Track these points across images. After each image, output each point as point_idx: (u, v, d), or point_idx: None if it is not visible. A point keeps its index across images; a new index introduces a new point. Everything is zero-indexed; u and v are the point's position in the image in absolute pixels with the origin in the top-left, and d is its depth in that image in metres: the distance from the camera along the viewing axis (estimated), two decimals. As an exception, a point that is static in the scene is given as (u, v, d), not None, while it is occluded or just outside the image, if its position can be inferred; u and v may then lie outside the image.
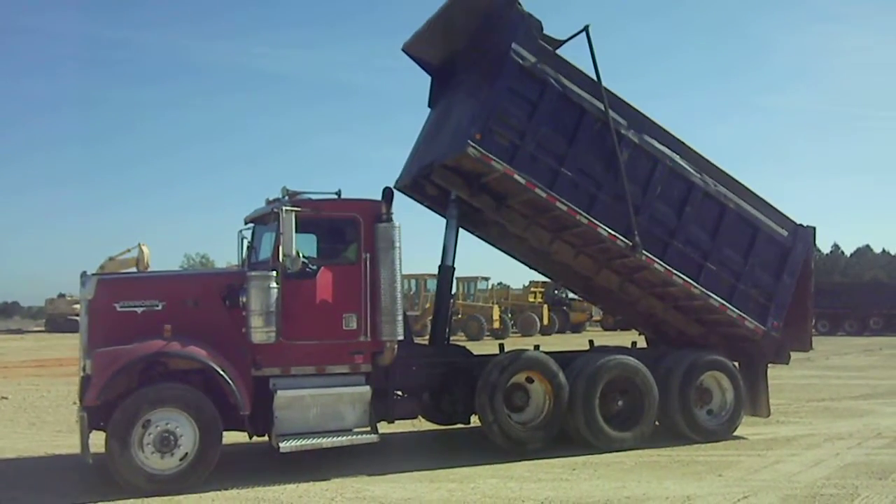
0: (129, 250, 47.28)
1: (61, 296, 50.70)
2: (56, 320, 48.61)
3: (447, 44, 10.33)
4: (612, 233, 9.44)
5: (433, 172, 9.80)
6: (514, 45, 9.01)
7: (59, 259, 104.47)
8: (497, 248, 11.38)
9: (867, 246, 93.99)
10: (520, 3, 9.20)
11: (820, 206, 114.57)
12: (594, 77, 9.45)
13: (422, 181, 10.51)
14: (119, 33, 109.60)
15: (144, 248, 46.56)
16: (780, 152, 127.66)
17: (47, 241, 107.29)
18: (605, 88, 9.44)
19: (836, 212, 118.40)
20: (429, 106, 11.20)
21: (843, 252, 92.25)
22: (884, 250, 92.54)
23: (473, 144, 8.70)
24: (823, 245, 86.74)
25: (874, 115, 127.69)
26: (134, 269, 44.74)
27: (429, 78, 11.08)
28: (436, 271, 10.54)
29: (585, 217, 9.34)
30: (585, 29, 9.41)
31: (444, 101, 10.76)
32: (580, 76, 9.46)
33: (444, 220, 10.47)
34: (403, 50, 10.77)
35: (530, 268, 11.77)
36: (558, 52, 9.53)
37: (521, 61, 9.04)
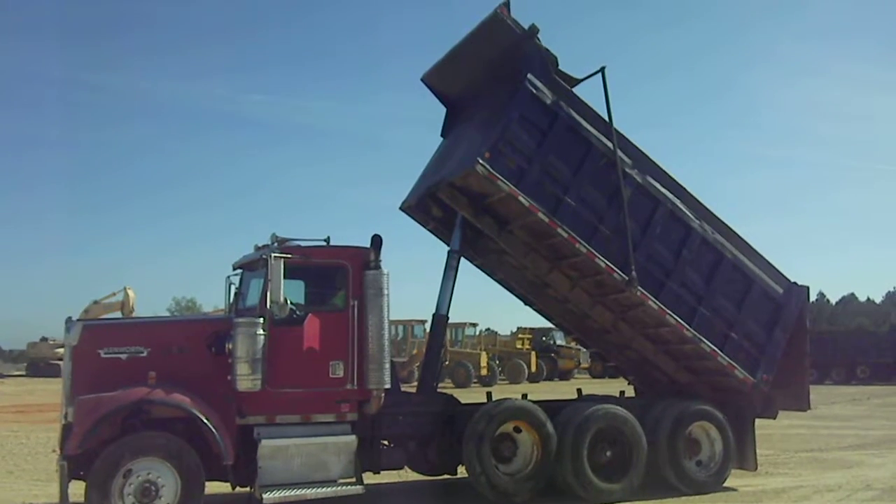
0: (114, 294, 46.90)
1: (43, 339, 50.02)
2: (37, 364, 47.88)
3: (465, 76, 10.65)
4: (610, 265, 9.53)
5: (440, 190, 9.95)
6: (529, 76, 9.33)
7: (40, 302, 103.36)
8: (495, 279, 11.57)
9: (852, 294, 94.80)
10: (538, 38, 9.52)
11: (806, 254, 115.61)
12: (605, 114, 9.77)
13: (428, 201, 10.69)
14: (146, 84, 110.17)
15: (130, 292, 46.23)
16: (772, 204, 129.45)
17: (29, 283, 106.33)
18: (615, 128, 9.71)
19: (823, 260, 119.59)
20: (441, 135, 11.52)
21: (828, 300, 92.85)
22: (868, 298, 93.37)
23: (482, 163, 8.90)
24: (810, 293, 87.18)
25: (859, 166, 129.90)
26: (119, 314, 44.41)
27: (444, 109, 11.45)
28: (422, 316, 10.55)
29: (584, 246, 9.45)
30: (601, 70, 9.77)
31: (456, 131, 11.06)
32: (590, 112, 9.76)
33: (431, 266, 10.55)
34: (422, 80, 11.14)
35: (525, 303, 11.86)
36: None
37: (534, 91, 9.34)
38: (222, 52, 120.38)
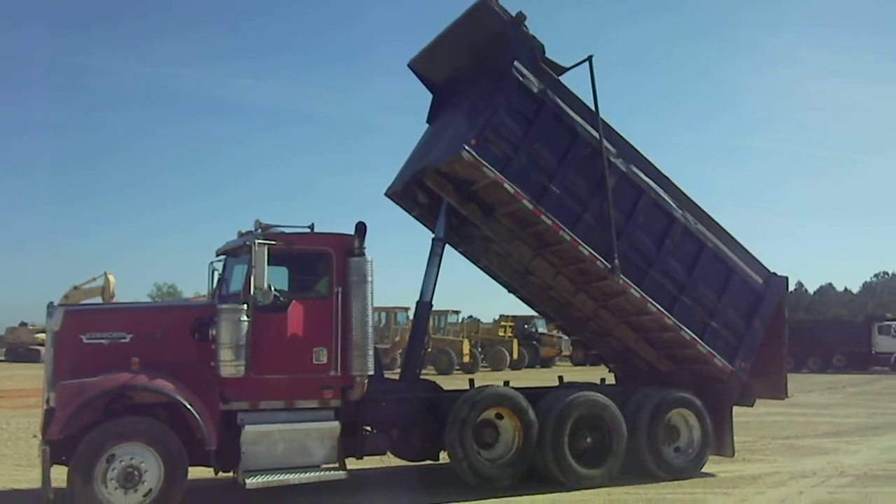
0: (94, 279, 46.34)
1: (23, 324, 49.54)
2: (17, 350, 47.46)
3: (452, 62, 10.67)
4: (593, 253, 9.62)
5: (426, 176, 9.98)
6: (515, 63, 9.36)
7: (18, 287, 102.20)
8: (479, 266, 11.65)
9: (830, 284, 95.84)
10: (525, 25, 9.55)
11: (784, 244, 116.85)
12: (591, 103, 9.83)
13: (413, 188, 10.72)
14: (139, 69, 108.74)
15: (110, 277, 45.75)
16: (750, 193, 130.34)
17: (7, 268, 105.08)
18: (601, 117, 9.78)
19: (800, 250, 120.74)
20: (427, 122, 11.52)
21: (806, 290, 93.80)
22: (846, 288, 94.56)
23: (468, 149, 8.93)
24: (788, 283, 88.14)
25: (836, 156, 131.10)
26: (99, 299, 44.06)
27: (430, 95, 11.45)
28: (405, 304, 10.62)
29: (568, 234, 9.53)
30: (589, 59, 9.84)
31: (442, 118, 11.07)
32: (576, 101, 9.81)
33: (417, 254, 10.60)
34: (409, 66, 11.14)
35: (509, 290, 11.96)
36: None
37: (520, 78, 9.37)
38: (210, 38, 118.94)
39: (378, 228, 9.09)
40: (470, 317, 48.85)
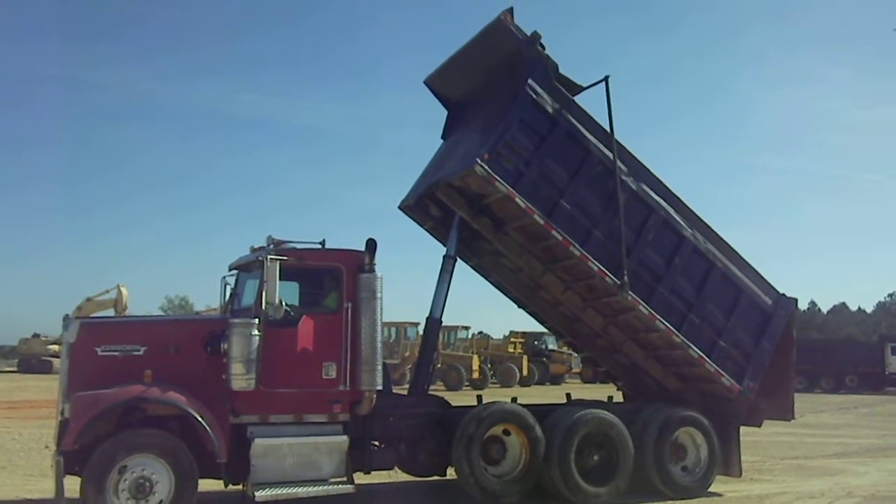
0: (107, 291, 46.91)
1: (35, 336, 49.92)
2: (29, 361, 47.80)
3: (467, 79, 10.86)
4: (602, 269, 9.71)
5: (439, 189, 10.14)
6: (529, 81, 9.53)
7: (31, 299, 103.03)
8: (489, 280, 11.78)
9: (843, 303, 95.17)
10: (540, 44, 9.71)
11: (797, 263, 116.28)
12: (606, 122, 9.99)
13: (426, 201, 10.90)
14: (146, 84, 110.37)
15: (123, 290, 46.24)
16: (763, 213, 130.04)
17: (19, 280, 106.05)
18: (615, 138, 9.92)
19: (814, 269, 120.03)
20: (442, 137, 11.72)
21: (819, 309, 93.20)
22: (859, 308, 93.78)
23: (481, 164, 9.08)
24: (800, 302, 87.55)
25: (850, 175, 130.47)
26: (112, 311, 44.44)
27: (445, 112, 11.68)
28: (415, 319, 10.74)
29: (578, 250, 9.63)
30: (605, 79, 9.99)
31: (456, 133, 11.26)
32: (588, 119, 9.96)
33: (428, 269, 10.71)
34: (425, 83, 11.37)
35: (519, 305, 12.05)
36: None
37: (534, 96, 9.54)
38: (218, 53, 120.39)
39: (388, 243, 9.25)
40: (480, 332, 48.84)
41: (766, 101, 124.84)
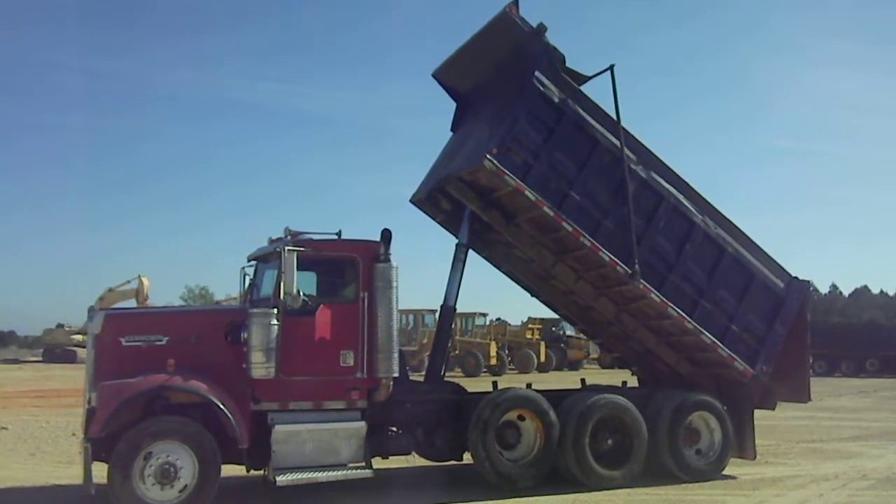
0: (128, 282, 47.62)
1: (59, 326, 50.79)
2: (53, 351, 48.63)
3: (474, 72, 10.91)
4: (613, 258, 9.80)
5: (449, 184, 10.25)
6: (536, 73, 9.58)
7: (52, 290, 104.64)
8: (502, 270, 11.89)
9: (865, 286, 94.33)
10: (546, 36, 9.77)
11: (820, 246, 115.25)
12: (612, 111, 10.00)
13: (437, 195, 11.01)
14: (154, 71, 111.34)
15: (144, 280, 46.90)
16: (786, 197, 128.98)
17: (41, 271, 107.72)
18: (622, 126, 9.96)
19: (836, 252, 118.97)
20: (451, 130, 11.80)
21: (840, 292, 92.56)
22: (882, 291, 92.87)
23: (490, 158, 9.17)
24: (822, 285, 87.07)
25: (874, 158, 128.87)
26: (133, 301, 45.09)
27: (454, 104, 11.73)
28: (432, 306, 10.88)
29: (589, 240, 9.72)
30: (610, 68, 10.03)
31: (465, 126, 11.34)
32: (596, 109, 10.00)
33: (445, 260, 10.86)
34: (433, 76, 11.44)
35: (532, 294, 12.16)
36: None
37: (541, 88, 9.59)
38: (233, 40, 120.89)
39: (401, 231, 9.36)
40: (497, 319, 49.01)
41: (794, 85, 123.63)
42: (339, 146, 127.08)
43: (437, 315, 11.01)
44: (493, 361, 36.23)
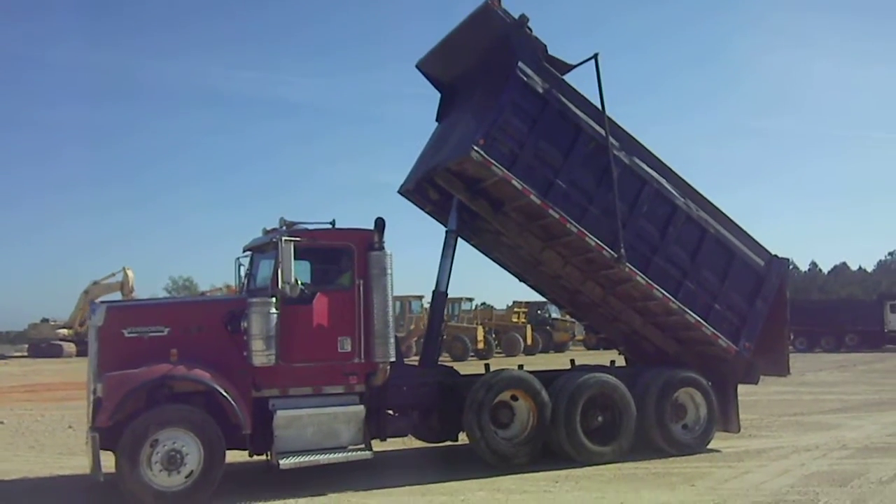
0: (113, 274, 47.60)
1: (44, 321, 50.48)
2: (39, 345, 48.40)
3: (458, 63, 11.10)
4: (600, 243, 10.08)
5: (437, 175, 10.47)
6: (520, 64, 9.78)
7: (34, 284, 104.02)
8: (490, 257, 12.17)
9: (844, 263, 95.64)
10: (528, 27, 9.96)
11: (799, 225, 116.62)
12: (596, 100, 10.24)
13: (425, 185, 11.22)
14: (134, 62, 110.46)
15: (129, 272, 46.87)
16: (761, 173, 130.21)
17: (23, 264, 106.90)
18: (606, 114, 10.19)
19: (814, 230, 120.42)
20: (436, 120, 12.00)
21: (820, 269, 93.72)
22: (860, 267, 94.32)
23: (477, 149, 9.39)
24: (802, 263, 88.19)
25: (849, 135, 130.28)
26: (118, 294, 45.03)
27: (437, 97, 11.93)
28: (417, 293, 11.11)
29: (575, 226, 9.99)
30: (594, 57, 10.23)
31: (451, 116, 11.54)
32: (579, 98, 10.23)
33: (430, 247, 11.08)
34: (417, 67, 11.63)
35: (520, 280, 12.46)
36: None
37: (525, 78, 9.80)
38: (211, 29, 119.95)
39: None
40: (483, 304, 49.41)
41: (763, 61, 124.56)
42: (318, 133, 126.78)
43: (430, 301, 11.25)
44: (481, 345, 36.59)
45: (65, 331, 48.35)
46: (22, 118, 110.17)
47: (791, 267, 11.71)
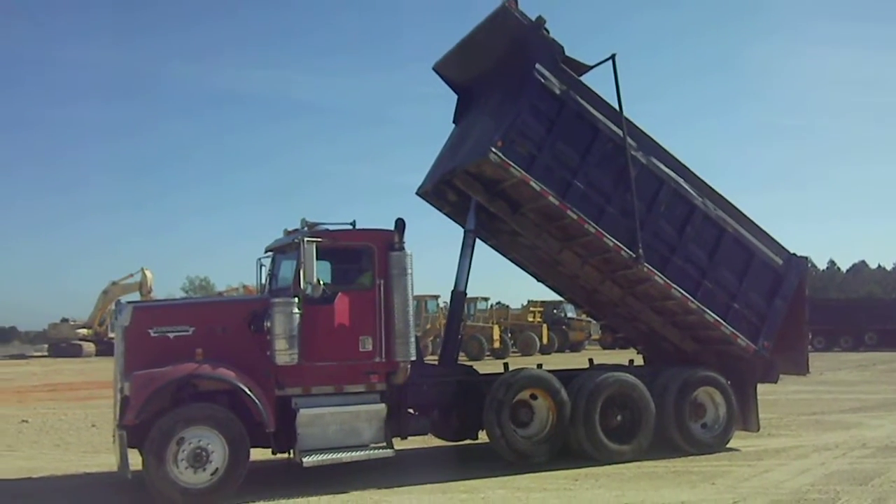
0: (132, 275, 48.06)
1: (64, 321, 51.06)
2: (59, 345, 48.96)
3: (475, 65, 11.15)
4: (618, 244, 10.13)
5: (455, 177, 10.55)
6: (537, 66, 9.84)
7: (52, 284, 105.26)
8: (508, 258, 12.22)
9: (863, 262, 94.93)
10: (545, 29, 10.01)
11: (818, 222, 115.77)
12: (614, 101, 10.26)
13: (443, 187, 11.29)
14: (151, 62, 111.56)
15: (147, 273, 47.30)
16: (783, 174, 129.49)
17: (41, 264, 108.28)
18: (624, 115, 10.23)
19: (834, 228, 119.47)
20: (453, 122, 12.06)
21: (839, 268, 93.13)
22: (879, 266, 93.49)
23: (495, 151, 9.46)
24: (820, 261, 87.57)
25: (869, 135, 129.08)
26: (137, 294, 45.48)
27: (454, 98, 11.99)
28: (434, 292, 11.16)
29: (593, 227, 10.03)
30: (612, 57, 10.28)
31: (468, 118, 11.60)
32: (596, 99, 10.27)
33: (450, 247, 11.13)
34: (434, 69, 11.69)
35: (538, 280, 12.50)
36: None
37: (542, 80, 9.85)
38: (226, 29, 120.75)
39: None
40: (499, 303, 49.37)
41: (792, 62, 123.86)
42: (334, 134, 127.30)
43: (443, 300, 11.35)
44: (497, 345, 36.68)
45: (84, 331, 48.88)
46: (36, 117, 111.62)
47: (809, 265, 11.66)
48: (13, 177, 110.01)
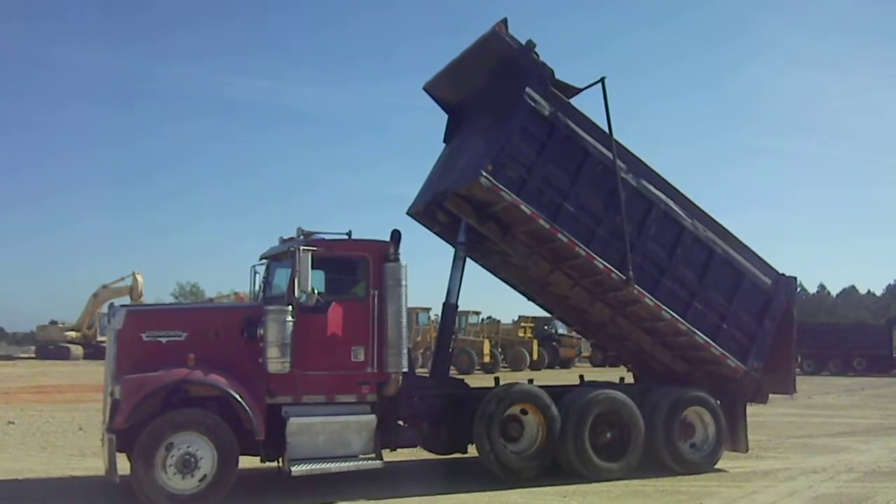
0: (122, 278, 47.82)
1: (53, 323, 50.70)
2: (47, 347, 48.57)
3: (465, 86, 11.16)
4: (608, 266, 10.15)
5: (446, 199, 10.54)
6: (527, 89, 9.85)
7: (40, 286, 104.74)
8: (499, 277, 12.18)
9: (853, 287, 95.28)
10: (536, 53, 10.04)
11: (808, 246, 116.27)
12: (603, 123, 10.29)
13: (434, 208, 11.27)
14: (147, 67, 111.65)
15: (138, 277, 47.07)
16: (773, 195, 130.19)
17: (29, 266, 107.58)
18: (613, 137, 10.26)
19: (824, 252, 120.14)
20: (444, 141, 12.03)
21: (829, 292, 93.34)
22: (869, 291, 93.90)
23: (486, 175, 9.46)
24: (810, 285, 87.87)
25: (861, 158, 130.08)
26: (127, 298, 45.25)
27: (445, 116, 11.97)
28: (425, 304, 11.15)
29: (584, 249, 10.06)
30: (602, 80, 10.30)
31: (458, 138, 11.59)
32: (586, 121, 10.29)
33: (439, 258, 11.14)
34: (424, 89, 11.70)
35: (528, 299, 12.49)
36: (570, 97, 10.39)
37: (532, 104, 9.87)
38: (226, 36, 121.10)
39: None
40: (490, 317, 49.36)
41: (780, 84, 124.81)
42: (327, 143, 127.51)
43: (440, 313, 11.33)
44: (487, 359, 36.65)
45: (72, 333, 48.54)
46: (30, 119, 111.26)
47: (799, 289, 11.74)
48: (5, 180, 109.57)
